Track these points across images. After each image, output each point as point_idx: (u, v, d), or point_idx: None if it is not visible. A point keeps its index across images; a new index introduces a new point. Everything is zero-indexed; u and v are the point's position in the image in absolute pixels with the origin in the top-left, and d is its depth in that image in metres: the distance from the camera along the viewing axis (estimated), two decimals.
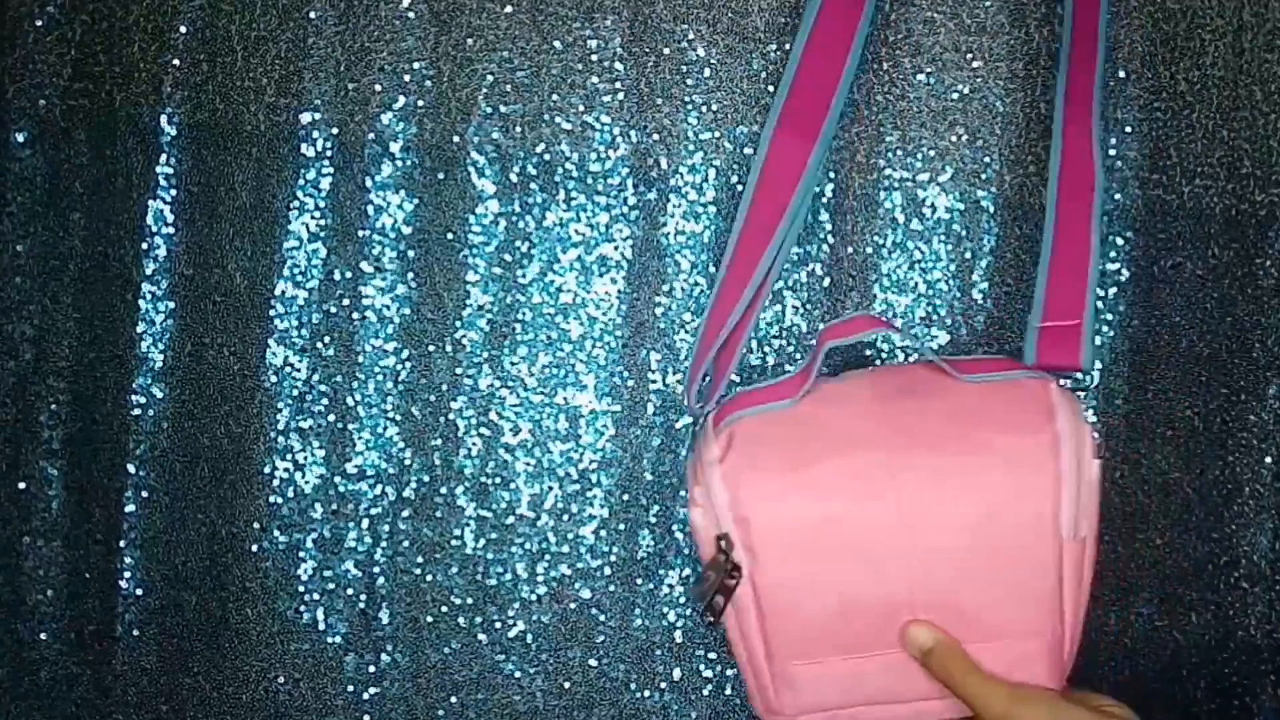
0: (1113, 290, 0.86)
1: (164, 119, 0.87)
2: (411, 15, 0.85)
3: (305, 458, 0.88)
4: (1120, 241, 0.85)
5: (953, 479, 0.69)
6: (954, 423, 0.71)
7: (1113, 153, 0.85)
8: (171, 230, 0.87)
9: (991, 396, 0.72)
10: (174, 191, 0.87)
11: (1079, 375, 0.84)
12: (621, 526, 0.87)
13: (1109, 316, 0.86)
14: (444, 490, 0.88)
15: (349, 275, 0.87)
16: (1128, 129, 0.85)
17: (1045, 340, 0.78)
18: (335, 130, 0.86)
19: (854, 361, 0.86)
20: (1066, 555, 0.70)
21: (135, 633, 0.89)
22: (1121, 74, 0.85)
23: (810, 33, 0.79)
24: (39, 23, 0.87)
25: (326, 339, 0.87)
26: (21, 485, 0.89)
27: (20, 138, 0.87)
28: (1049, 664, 0.71)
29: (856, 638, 0.71)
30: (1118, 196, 0.85)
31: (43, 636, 0.90)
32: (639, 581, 0.88)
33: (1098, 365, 0.86)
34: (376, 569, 0.88)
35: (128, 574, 0.89)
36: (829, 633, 0.71)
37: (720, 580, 0.70)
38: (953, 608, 0.70)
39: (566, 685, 0.88)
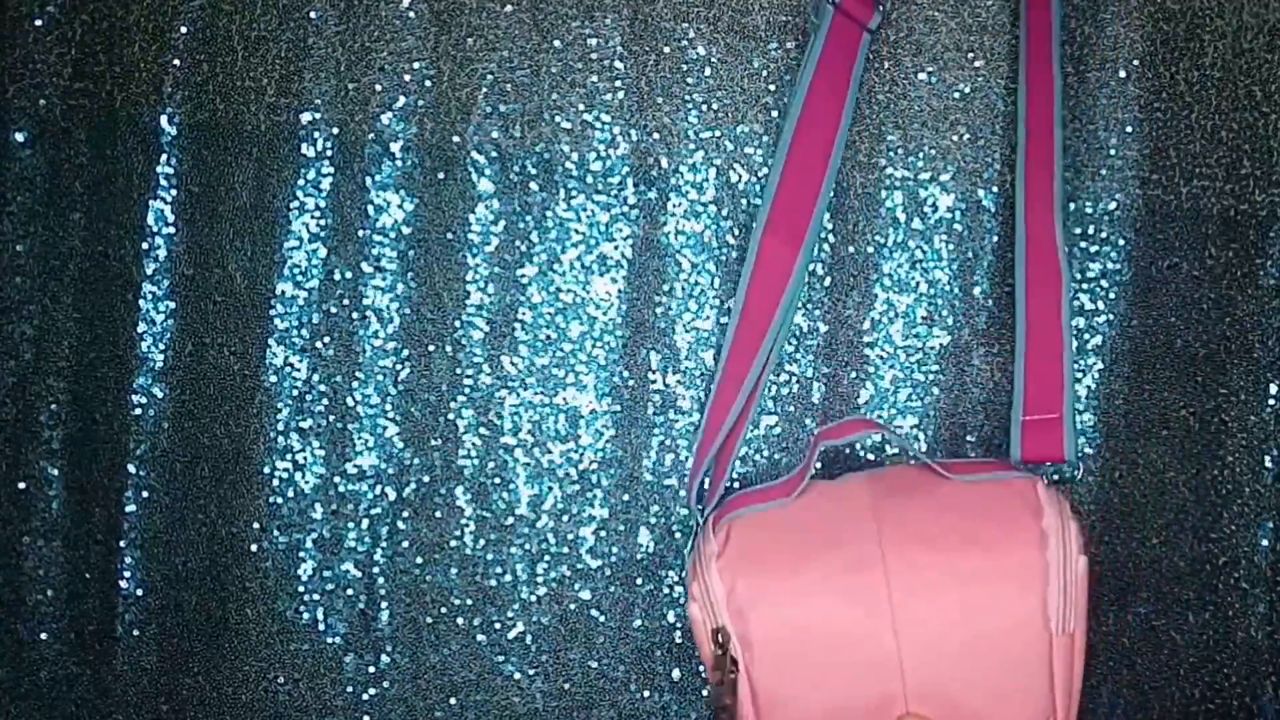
0: (1112, 290, 0.86)
1: (164, 119, 0.87)
2: (412, 15, 0.85)
3: (305, 458, 0.88)
4: (1120, 241, 0.85)
5: (943, 575, 0.71)
6: (944, 517, 0.73)
7: (1112, 153, 0.85)
8: (172, 230, 0.87)
9: (980, 494, 0.75)
10: (174, 191, 0.87)
11: (1063, 467, 0.84)
12: (621, 527, 0.87)
13: (1109, 316, 0.86)
14: (444, 490, 0.87)
15: (349, 275, 0.87)
16: (1127, 129, 0.85)
17: (1029, 433, 0.79)
18: (335, 130, 0.86)
19: (847, 459, 0.87)
20: (1056, 650, 0.72)
21: (135, 633, 0.89)
22: (1121, 74, 0.85)
23: (793, 139, 0.81)
24: (39, 22, 0.87)
25: (326, 339, 0.87)
26: (21, 485, 0.89)
27: (20, 137, 0.87)
28: None
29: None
30: (1118, 197, 0.85)
31: (43, 636, 0.90)
32: (639, 582, 0.87)
33: (1097, 366, 0.86)
34: (376, 569, 0.88)
35: (128, 574, 0.89)
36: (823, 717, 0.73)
37: (726, 678, 0.72)
38: (947, 701, 0.72)
39: (566, 686, 0.88)
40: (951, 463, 0.78)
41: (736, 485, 0.86)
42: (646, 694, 0.88)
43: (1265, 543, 0.86)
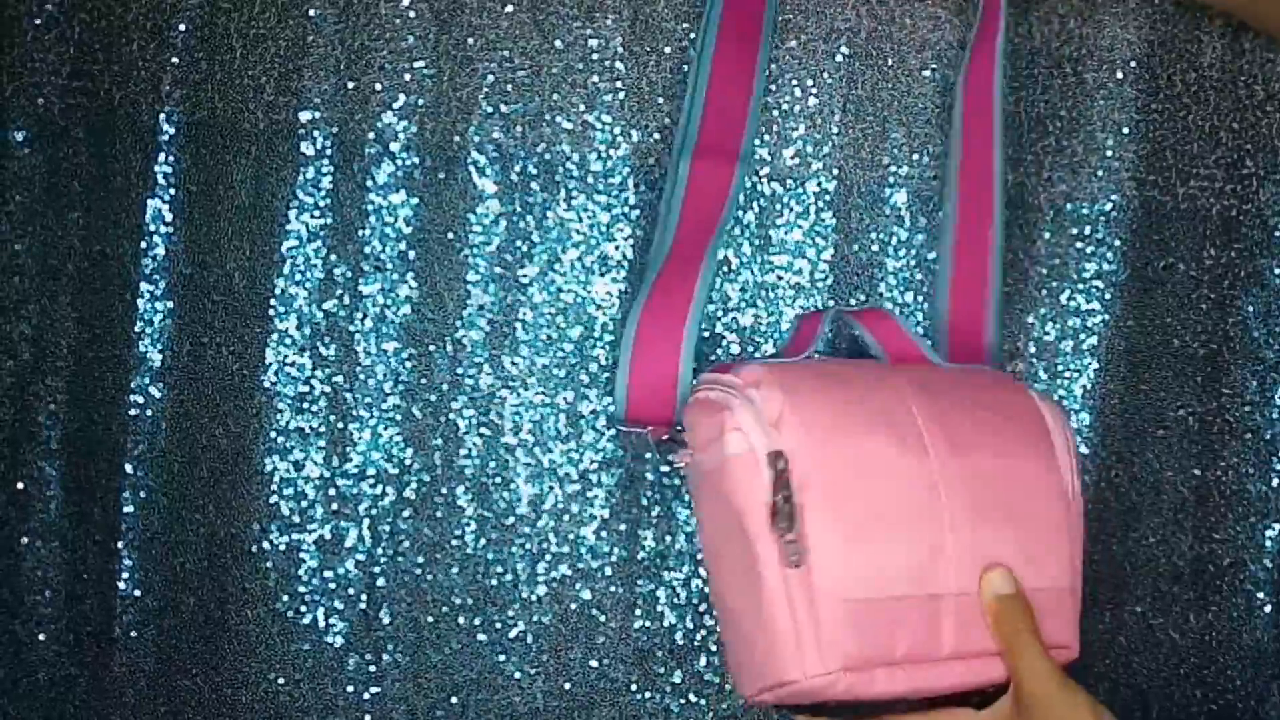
0: (1109, 291, 0.86)
1: (163, 118, 0.86)
2: (412, 14, 0.85)
3: (305, 458, 0.88)
4: (1116, 242, 0.86)
5: (969, 428, 0.71)
6: (958, 387, 0.73)
7: (1109, 154, 0.86)
8: (170, 229, 0.87)
9: (977, 375, 0.76)
10: (173, 190, 0.87)
11: None
12: (622, 527, 0.87)
13: (1105, 317, 0.86)
14: (444, 490, 0.87)
15: (349, 275, 0.87)
16: (1124, 130, 0.85)
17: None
18: (335, 129, 0.86)
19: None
20: (1072, 513, 0.72)
21: (133, 634, 0.89)
22: (1119, 75, 0.85)
23: (714, 56, 0.80)
24: (37, 21, 0.86)
25: (326, 339, 0.87)
26: (20, 485, 0.89)
27: (18, 136, 0.87)
28: (1070, 618, 0.72)
29: (895, 578, 0.69)
30: (1114, 197, 0.85)
31: (41, 638, 0.90)
32: (640, 582, 0.87)
33: (1093, 366, 0.86)
34: (377, 569, 0.88)
35: (125, 575, 0.89)
36: (872, 569, 0.68)
37: (785, 506, 0.67)
38: (979, 556, 0.70)
39: (567, 686, 0.88)
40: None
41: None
42: (648, 694, 0.88)
43: (1264, 543, 0.86)
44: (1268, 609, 0.86)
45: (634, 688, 0.88)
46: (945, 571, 0.69)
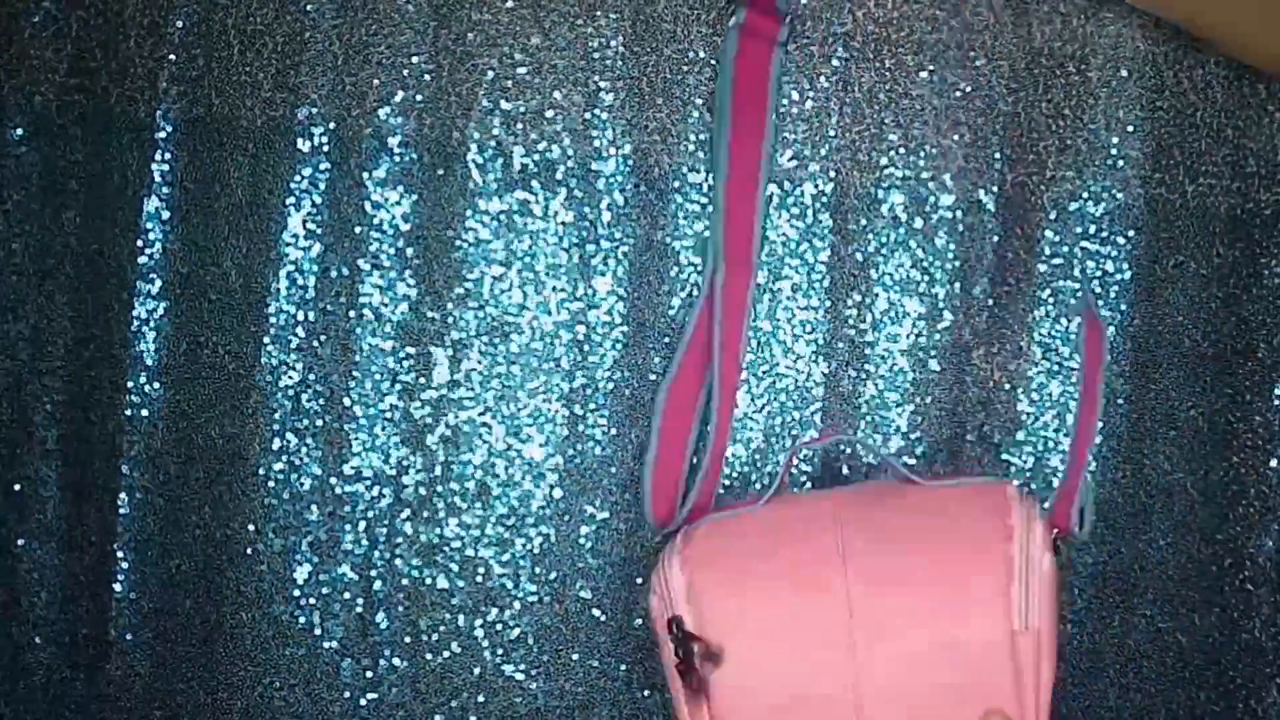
0: (1113, 290, 0.85)
1: (159, 115, 0.86)
2: (410, 9, 0.85)
3: (302, 458, 0.87)
4: (1122, 241, 0.85)
5: (900, 570, 0.71)
6: (908, 516, 0.73)
7: (1114, 152, 0.85)
8: (167, 227, 0.87)
9: (948, 495, 0.75)
10: (169, 188, 0.87)
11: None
12: (622, 526, 0.87)
13: (1109, 316, 0.85)
14: (443, 491, 0.87)
15: (346, 273, 0.86)
16: (1129, 128, 0.85)
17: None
18: (333, 125, 0.86)
19: (835, 475, 0.87)
20: (1020, 648, 0.70)
21: (128, 637, 0.89)
22: (1124, 72, 0.85)
23: (728, 167, 0.83)
24: (35, 18, 0.86)
25: (323, 337, 0.87)
26: (17, 487, 0.88)
27: (15, 134, 0.87)
28: None
29: None
30: (1120, 195, 0.85)
31: (36, 640, 0.89)
32: (640, 582, 0.87)
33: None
34: (374, 571, 0.87)
35: (121, 577, 0.88)
36: None
37: (689, 660, 0.71)
38: (905, 701, 0.70)
39: (567, 687, 0.88)
40: (931, 477, 0.78)
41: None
42: (647, 694, 0.87)
43: (1271, 544, 0.85)
44: (1266, 609, 0.85)
45: (634, 687, 0.87)
46: None
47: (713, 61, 0.85)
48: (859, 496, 0.77)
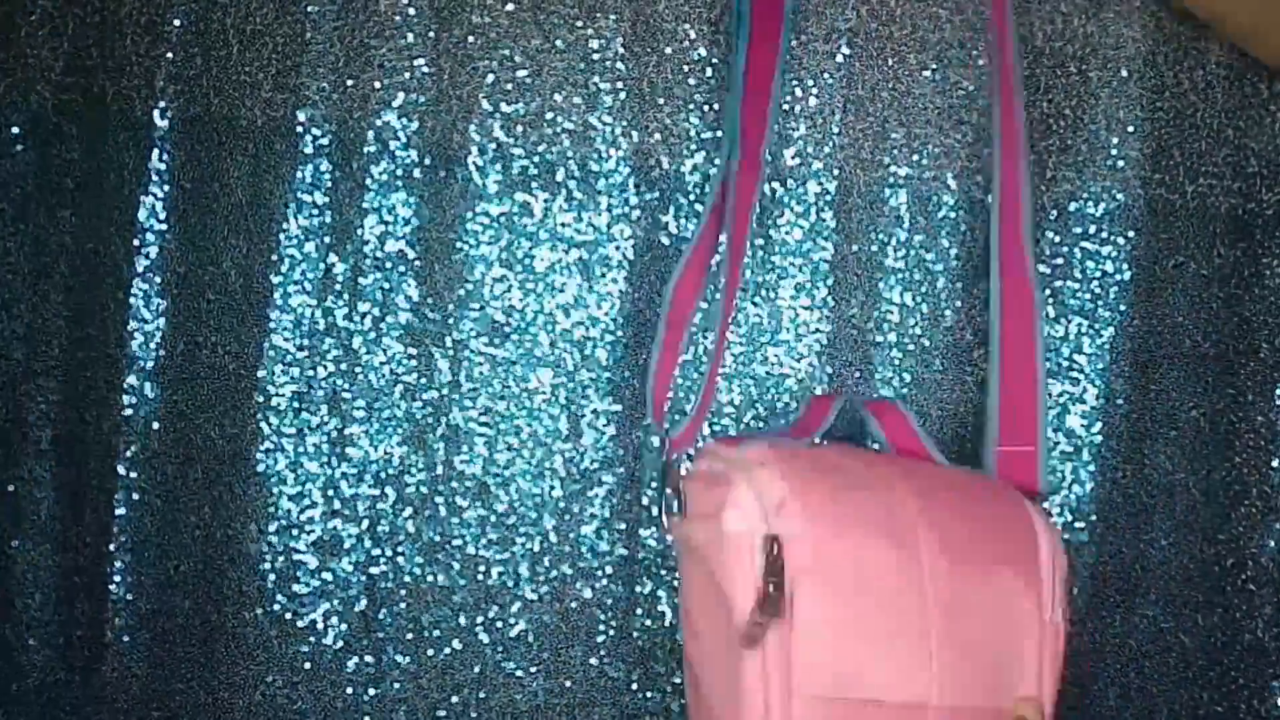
0: (1113, 290, 0.86)
1: (157, 114, 0.86)
2: (412, 11, 0.85)
3: (303, 458, 0.87)
4: (1121, 241, 0.86)
5: (964, 538, 0.69)
6: (954, 489, 0.72)
7: (1114, 152, 0.85)
8: (165, 227, 0.86)
9: (974, 479, 0.75)
10: (167, 187, 0.86)
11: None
12: (623, 526, 0.87)
13: (1109, 316, 0.86)
14: (444, 490, 0.87)
15: (348, 274, 0.86)
16: (1130, 128, 0.85)
17: (1003, 462, 0.78)
18: (334, 127, 0.85)
19: None
20: (1045, 638, 0.70)
21: (125, 638, 0.88)
22: (1124, 73, 0.85)
23: (745, 84, 0.81)
24: (31, 16, 0.85)
25: (325, 338, 0.86)
26: (11, 488, 0.88)
27: (11, 132, 0.86)
28: None
29: (881, 683, 0.67)
30: (1120, 195, 0.85)
31: (31, 642, 0.89)
32: (641, 581, 0.87)
33: (1099, 366, 0.86)
34: (376, 570, 0.87)
35: (118, 578, 0.88)
36: (856, 671, 0.67)
37: (769, 596, 0.65)
38: (963, 670, 0.68)
39: (568, 685, 0.88)
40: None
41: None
42: (649, 693, 0.88)
43: (1273, 544, 0.86)
44: (1268, 609, 0.86)
45: (635, 686, 0.88)
46: (928, 684, 0.67)
47: (714, 61, 0.85)
48: (891, 458, 0.74)
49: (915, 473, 0.72)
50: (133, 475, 0.87)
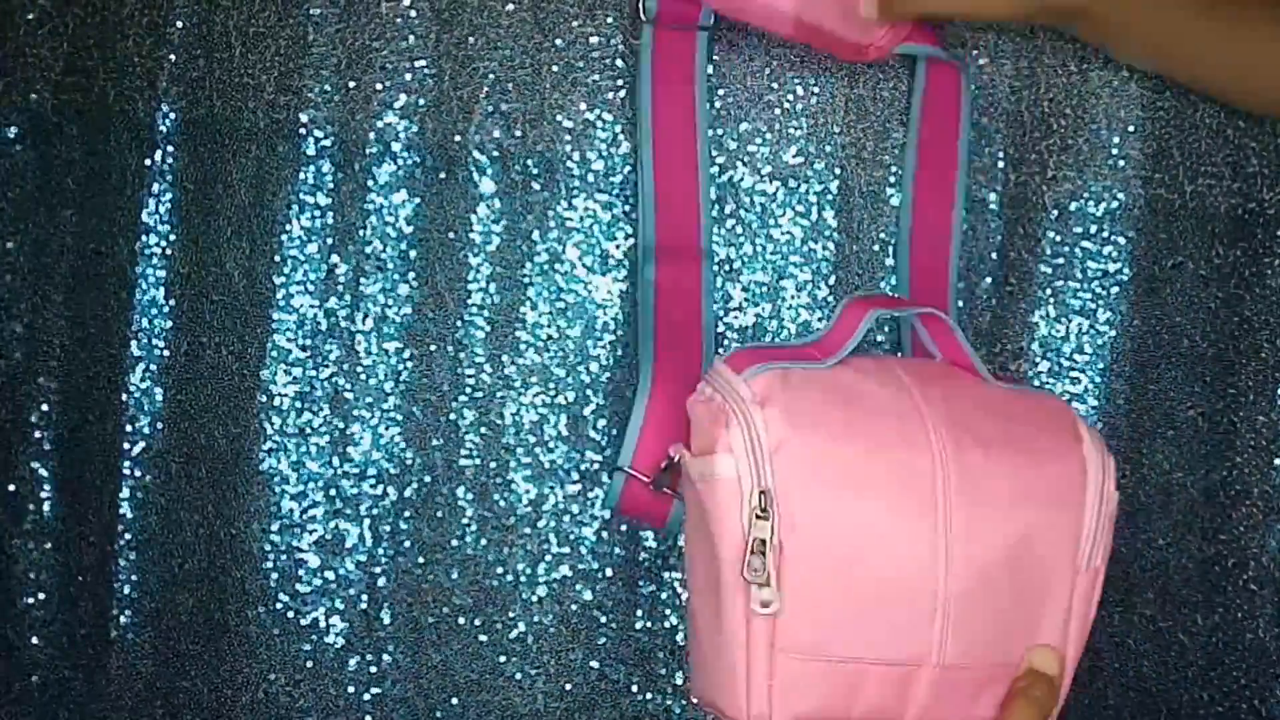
0: (1114, 290, 0.86)
1: (159, 115, 0.86)
2: (413, 13, 0.85)
3: (305, 458, 0.87)
4: (1121, 241, 0.86)
5: (992, 478, 0.65)
6: (989, 418, 0.67)
7: (1114, 152, 0.85)
8: (168, 228, 0.86)
9: (1018, 402, 0.69)
10: (170, 189, 0.86)
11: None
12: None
13: (1111, 316, 0.86)
14: (445, 490, 0.87)
15: (350, 274, 0.86)
16: (1130, 128, 0.85)
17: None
18: (336, 128, 0.85)
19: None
20: (1078, 585, 0.67)
21: (130, 636, 0.88)
22: (1124, 72, 0.85)
23: (654, 163, 0.81)
24: (30, 15, 0.85)
25: (327, 338, 0.86)
26: (12, 487, 0.88)
27: (11, 133, 0.86)
28: None
29: (869, 643, 0.65)
30: (1120, 196, 0.85)
31: (35, 641, 0.89)
32: (641, 583, 0.87)
33: (1099, 366, 0.86)
34: (377, 569, 0.87)
35: (122, 576, 0.88)
36: (846, 629, 0.65)
37: (765, 546, 0.62)
38: (973, 626, 0.66)
39: (568, 687, 0.88)
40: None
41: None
42: (649, 695, 0.88)
43: (1273, 544, 0.86)
44: (1269, 609, 0.86)
45: (635, 689, 0.88)
46: (930, 641, 0.65)
47: (713, 59, 0.85)
48: (926, 375, 0.69)
49: (951, 396, 0.67)
50: (136, 475, 0.88)
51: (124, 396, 0.87)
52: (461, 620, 0.88)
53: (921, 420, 0.65)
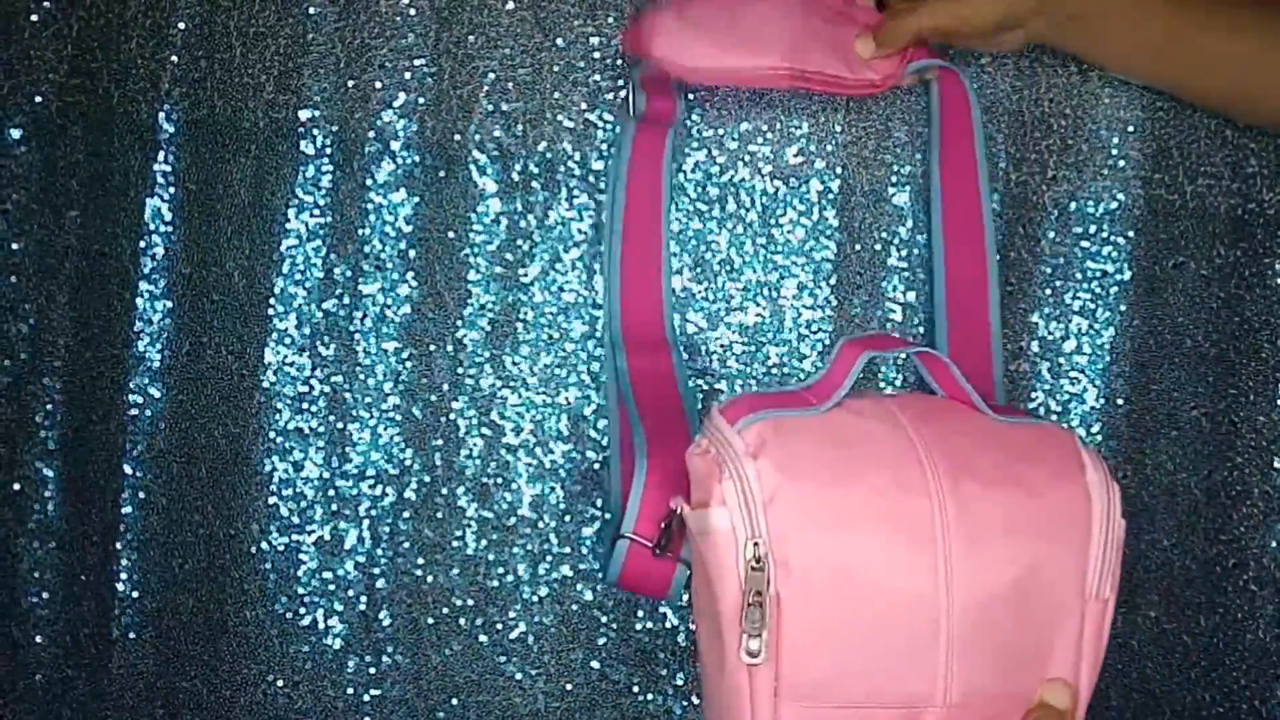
0: (1114, 290, 0.85)
1: (162, 116, 0.86)
2: (412, 12, 0.85)
3: (305, 458, 0.87)
4: (1121, 241, 0.85)
5: (992, 514, 0.65)
6: (988, 452, 0.67)
7: (1114, 152, 0.85)
8: (169, 228, 0.87)
9: (1019, 435, 0.68)
10: (172, 189, 0.87)
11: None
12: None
13: (1111, 316, 0.85)
14: (445, 491, 0.87)
15: (349, 274, 0.86)
16: (1130, 128, 0.85)
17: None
18: (335, 127, 0.85)
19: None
20: (1088, 614, 0.67)
21: (131, 636, 0.89)
22: None
23: (621, 254, 0.82)
24: (35, 18, 0.86)
25: (326, 338, 0.87)
26: (17, 486, 0.88)
27: (16, 134, 0.87)
28: None
29: (873, 686, 0.65)
30: (1120, 196, 0.85)
31: (38, 640, 0.89)
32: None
33: (1099, 366, 0.86)
34: (377, 570, 0.87)
35: (124, 576, 0.88)
36: (848, 671, 0.64)
37: (761, 597, 0.63)
38: (979, 661, 0.65)
39: (569, 687, 0.88)
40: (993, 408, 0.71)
41: None
42: (650, 696, 0.87)
43: (1275, 544, 0.85)
44: (1270, 609, 0.85)
45: (636, 689, 0.87)
46: (935, 679, 0.64)
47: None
48: (924, 413, 0.68)
49: (948, 433, 0.67)
50: (138, 474, 0.88)
51: (126, 396, 0.87)
52: (462, 621, 0.87)
53: (917, 457, 0.65)
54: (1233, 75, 0.75)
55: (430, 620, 0.87)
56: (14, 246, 0.87)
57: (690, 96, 0.84)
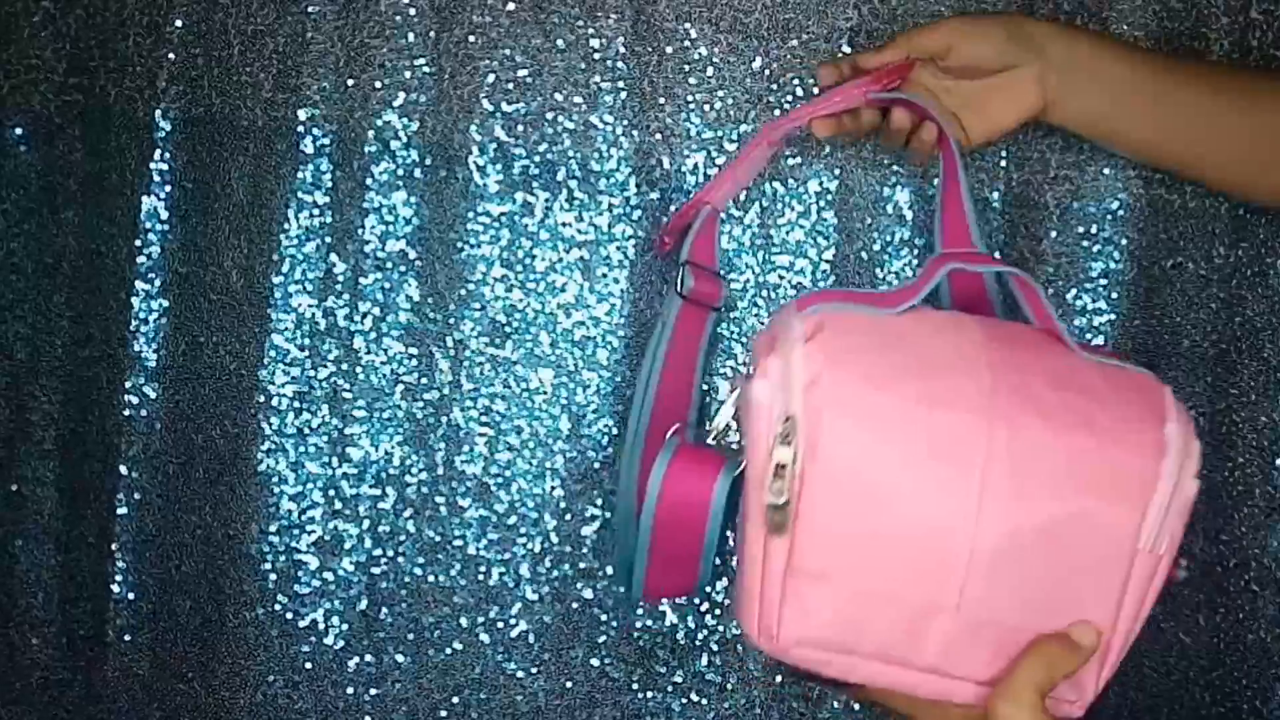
0: (1114, 290, 0.86)
1: (159, 114, 0.86)
2: (412, 11, 0.85)
3: (304, 458, 0.87)
4: (1123, 241, 0.85)
5: (1045, 447, 0.63)
6: (1062, 389, 0.64)
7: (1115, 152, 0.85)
8: (166, 227, 0.87)
9: (1103, 376, 0.66)
10: (169, 188, 0.86)
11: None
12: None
13: (1111, 316, 0.86)
14: (445, 490, 0.87)
15: (349, 274, 0.86)
16: None
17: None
18: (335, 127, 0.85)
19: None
20: (1137, 565, 0.64)
21: (127, 638, 0.88)
22: None
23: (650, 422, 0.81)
24: (34, 17, 0.86)
25: (326, 338, 0.86)
26: (14, 487, 0.88)
27: (14, 134, 0.86)
28: (1084, 676, 0.66)
29: (883, 578, 0.64)
30: (1120, 196, 0.85)
31: (34, 641, 0.89)
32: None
33: None
34: (377, 570, 0.87)
35: (119, 578, 0.88)
36: (861, 561, 0.63)
37: (783, 470, 0.62)
38: (1013, 573, 0.64)
39: (569, 685, 0.88)
40: (1081, 346, 0.69)
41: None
42: (650, 694, 0.88)
43: (1275, 544, 0.86)
44: (1270, 609, 0.86)
45: (636, 687, 0.88)
46: (951, 589, 0.63)
47: (715, 60, 0.85)
48: (1009, 338, 0.67)
49: (1027, 363, 0.65)
50: (134, 475, 0.88)
51: (124, 397, 0.87)
52: (462, 619, 0.87)
53: (982, 380, 0.64)
54: (1246, 146, 0.75)
55: (431, 619, 0.87)
56: (12, 246, 0.87)
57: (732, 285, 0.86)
